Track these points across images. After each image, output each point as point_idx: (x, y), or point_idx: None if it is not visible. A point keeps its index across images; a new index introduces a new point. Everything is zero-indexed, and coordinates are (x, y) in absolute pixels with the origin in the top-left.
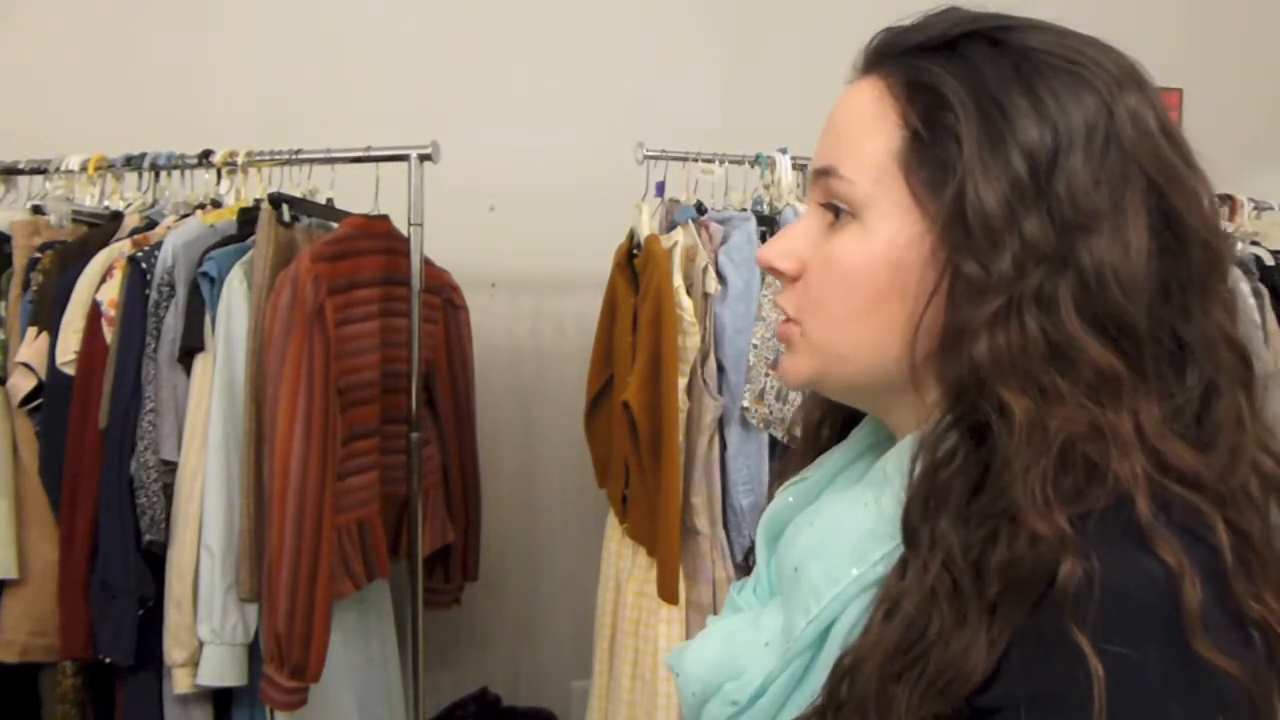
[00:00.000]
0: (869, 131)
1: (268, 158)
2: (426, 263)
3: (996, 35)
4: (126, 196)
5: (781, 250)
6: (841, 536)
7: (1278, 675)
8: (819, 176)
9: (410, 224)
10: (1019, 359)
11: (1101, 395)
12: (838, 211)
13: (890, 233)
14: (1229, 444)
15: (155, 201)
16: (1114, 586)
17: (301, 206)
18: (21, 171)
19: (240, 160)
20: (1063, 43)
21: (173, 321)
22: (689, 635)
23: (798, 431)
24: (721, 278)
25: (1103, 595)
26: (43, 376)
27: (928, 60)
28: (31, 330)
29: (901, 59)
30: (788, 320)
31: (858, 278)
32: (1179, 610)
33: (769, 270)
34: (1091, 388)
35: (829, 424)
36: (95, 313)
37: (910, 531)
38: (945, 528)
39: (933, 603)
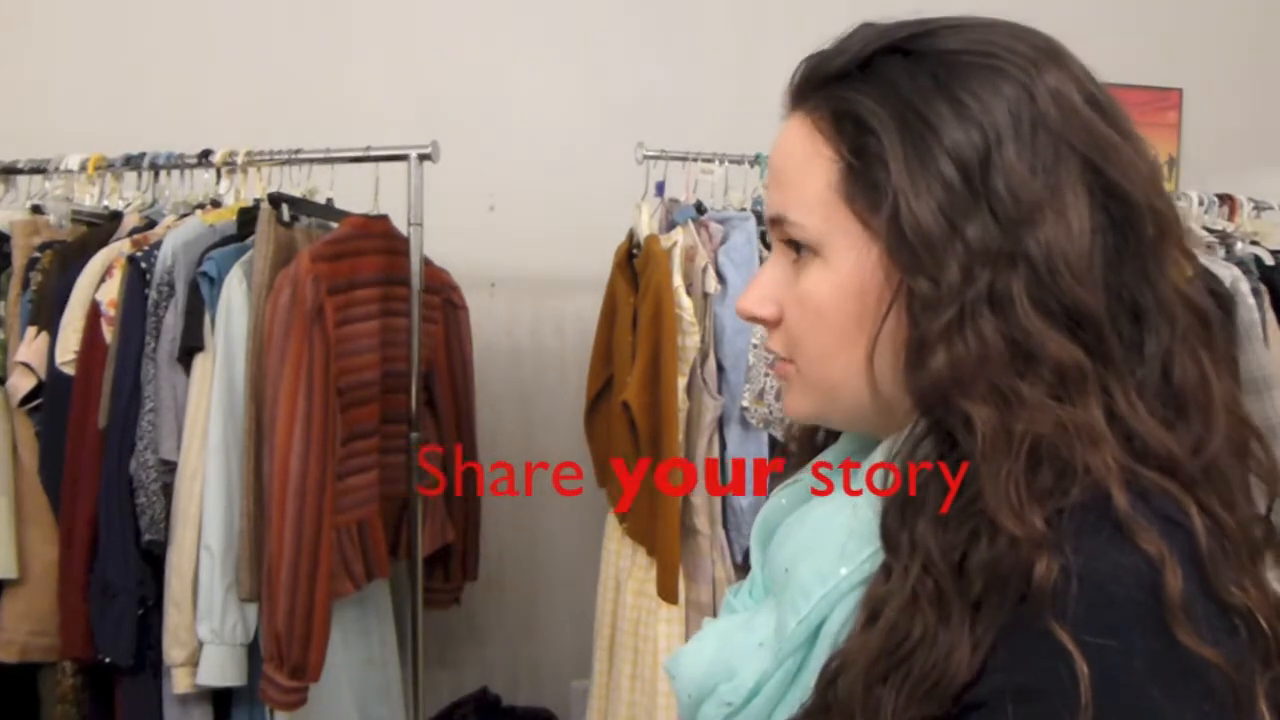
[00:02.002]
0: (806, 171)
1: (267, 158)
2: (426, 263)
3: (909, 46)
4: (126, 196)
5: (757, 297)
6: (830, 536)
7: (1261, 662)
8: (774, 224)
9: (410, 224)
10: (978, 367)
11: (1067, 390)
12: (799, 248)
13: (850, 263)
14: (1196, 408)
15: (155, 201)
16: (1094, 579)
17: (301, 206)
18: (21, 171)
19: (240, 160)
20: (974, 37)
21: (172, 321)
22: (689, 635)
23: (795, 434)
24: (721, 277)
25: (1082, 589)
26: (42, 376)
27: (846, 88)
28: (31, 330)
29: (824, 91)
30: (782, 361)
31: (829, 312)
32: (1161, 600)
33: (750, 319)
34: (1054, 384)
35: (823, 429)
36: (95, 312)
37: (889, 536)
38: (923, 532)
39: (915, 606)
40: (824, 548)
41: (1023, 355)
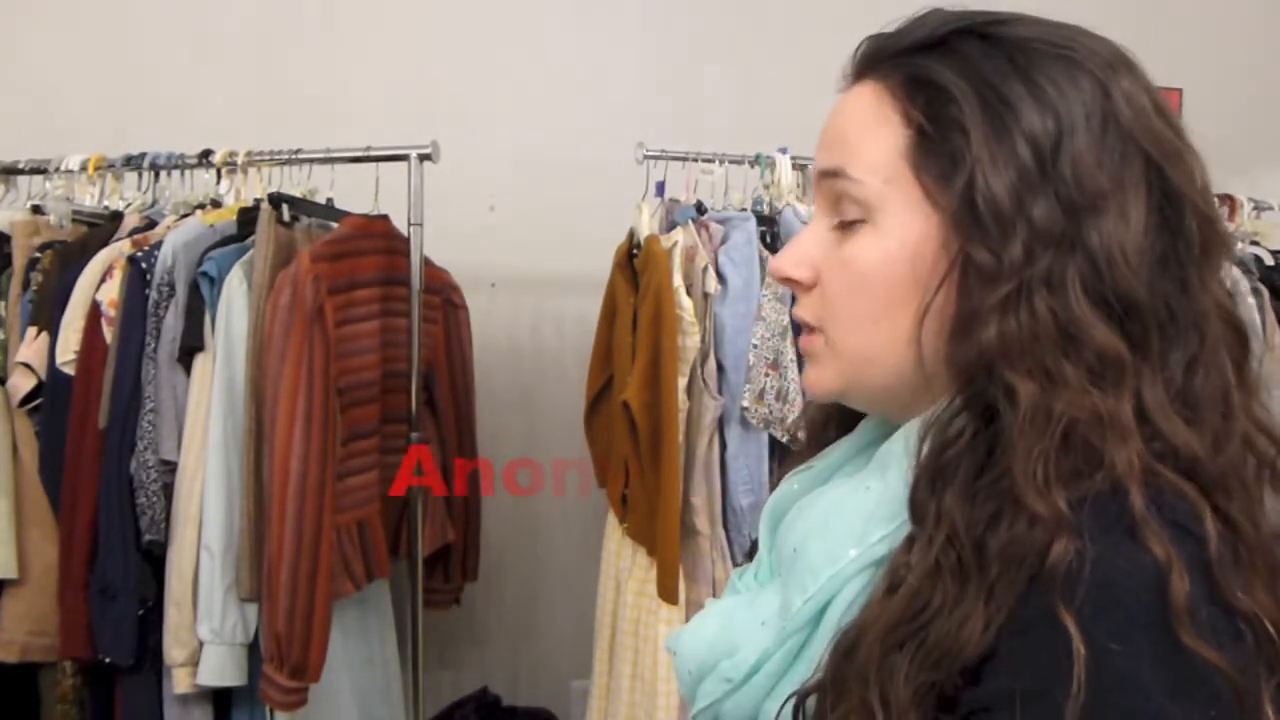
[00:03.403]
0: (873, 133)
1: (267, 158)
2: (426, 262)
3: (986, 30)
4: (126, 196)
5: (795, 259)
6: (842, 518)
7: (1267, 668)
8: (825, 178)
9: (410, 224)
10: (1027, 343)
11: (1105, 378)
12: (847, 214)
13: (903, 230)
14: (1214, 417)
15: (155, 201)
16: (1104, 573)
17: (301, 206)
18: (21, 171)
19: (240, 160)
20: (1052, 32)
21: (172, 321)
22: None
23: (801, 434)
24: (721, 278)
25: (1092, 579)
26: (42, 376)
27: (924, 59)
28: (31, 330)
29: (895, 60)
30: (810, 332)
31: (875, 277)
32: (1166, 603)
33: (784, 281)
34: (1095, 371)
35: (834, 425)
36: (95, 312)
37: (917, 506)
38: (951, 503)
39: (937, 576)
40: (835, 529)
41: (1069, 338)
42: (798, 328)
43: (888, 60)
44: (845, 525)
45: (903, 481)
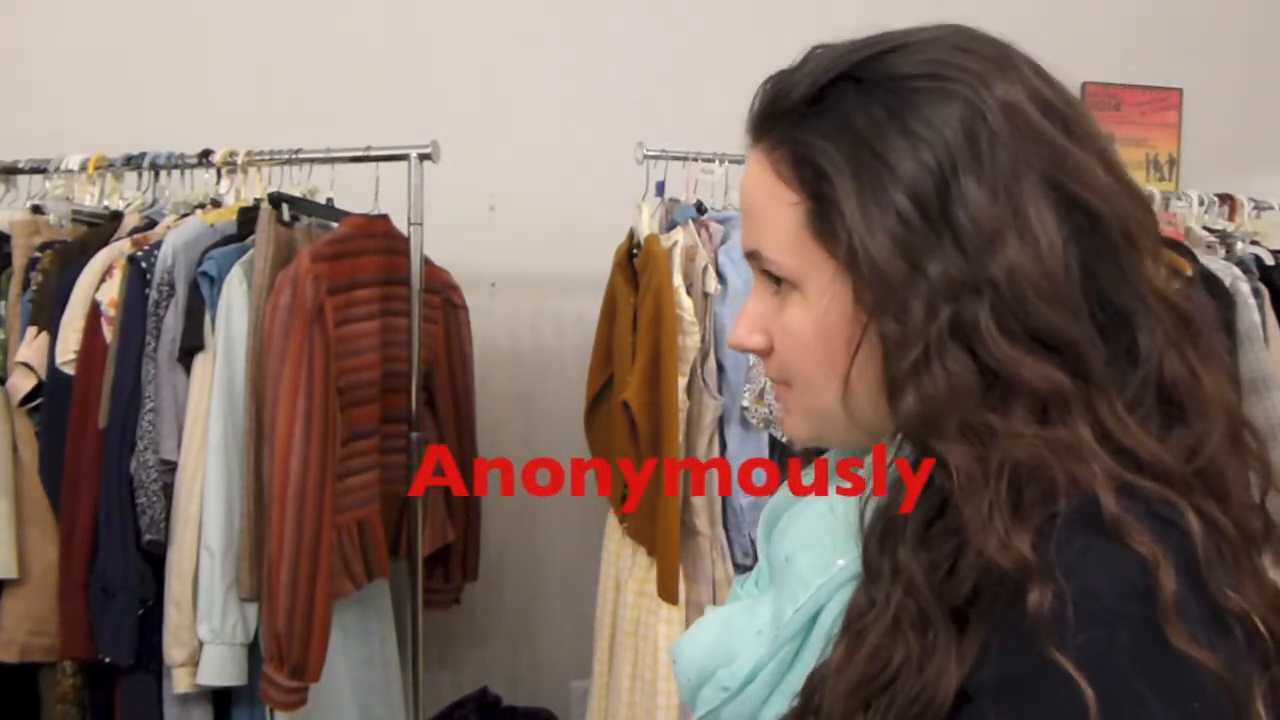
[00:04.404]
0: (775, 212)
1: (268, 157)
2: (426, 262)
3: (859, 73)
4: (126, 196)
5: (746, 329)
6: (831, 527)
7: (1258, 665)
8: (751, 258)
9: (410, 224)
10: (948, 404)
11: (1050, 413)
12: (779, 281)
13: (828, 297)
14: (1193, 406)
15: (155, 201)
16: (1087, 597)
17: (301, 206)
18: (21, 171)
19: (240, 160)
20: (921, 58)
21: (172, 321)
22: None
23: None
24: (721, 277)
25: (1077, 610)
26: (42, 376)
27: (802, 128)
28: (31, 330)
29: (781, 130)
30: (781, 385)
31: (812, 343)
32: (1153, 603)
33: (742, 351)
34: (1035, 410)
35: None
36: (95, 312)
37: (870, 566)
38: (906, 558)
39: (896, 632)
40: (823, 539)
41: (1000, 384)
42: None
43: (776, 126)
44: (834, 535)
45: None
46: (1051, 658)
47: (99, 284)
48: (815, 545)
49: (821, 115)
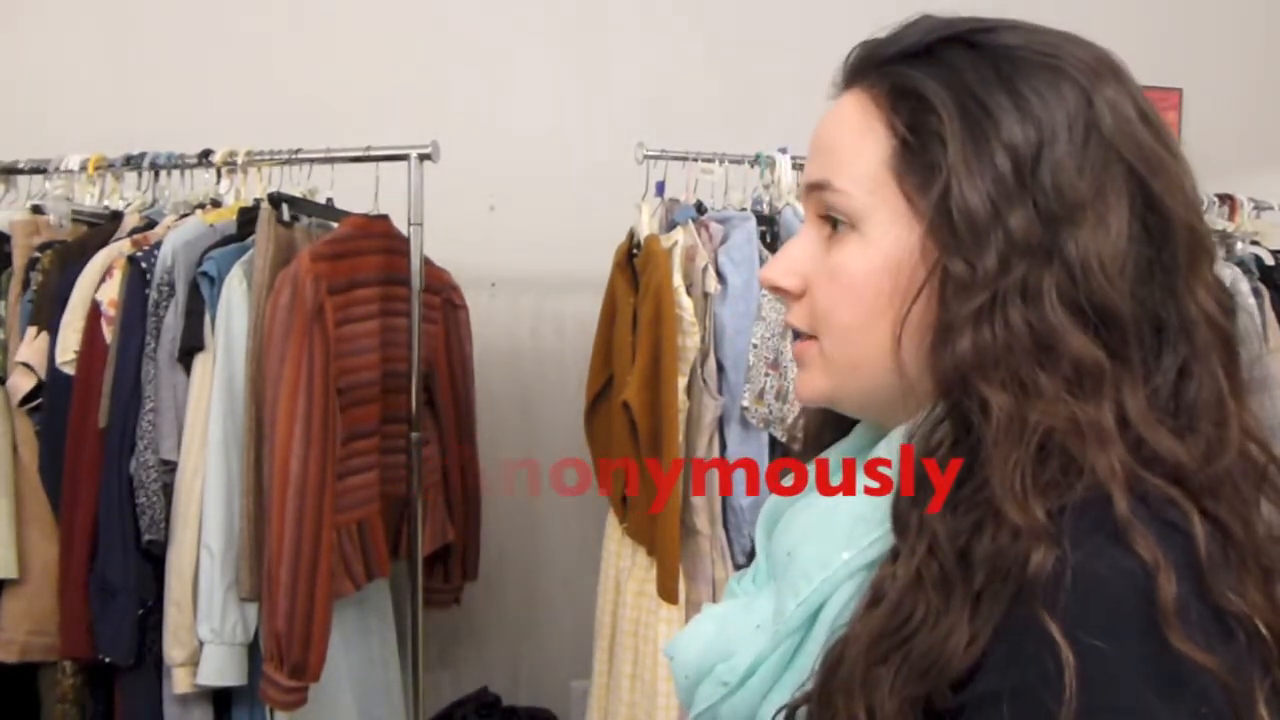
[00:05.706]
0: (859, 143)
1: (267, 157)
2: (426, 262)
3: (973, 38)
4: (126, 196)
5: (783, 268)
6: (834, 521)
7: (1260, 668)
8: (812, 190)
9: (410, 224)
10: (1001, 354)
11: (1083, 387)
12: (835, 223)
13: (889, 240)
14: (1209, 425)
15: (155, 201)
16: (1088, 577)
17: (301, 206)
18: (21, 171)
19: (240, 160)
20: (1038, 39)
21: (172, 321)
22: None
23: (799, 435)
24: (721, 277)
25: (1075, 584)
26: (42, 376)
27: (908, 67)
28: (31, 330)
29: (882, 69)
30: (804, 338)
31: (862, 287)
32: (1154, 604)
33: (772, 290)
34: (1072, 380)
35: (830, 429)
36: (95, 312)
37: (899, 519)
38: (932, 515)
39: (918, 588)
40: (828, 532)
41: (1045, 348)
42: None
43: (875, 69)
44: (838, 528)
45: (876, 498)
46: (1040, 620)
47: (99, 284)
48: (819, 539)
49: (930, 64)
